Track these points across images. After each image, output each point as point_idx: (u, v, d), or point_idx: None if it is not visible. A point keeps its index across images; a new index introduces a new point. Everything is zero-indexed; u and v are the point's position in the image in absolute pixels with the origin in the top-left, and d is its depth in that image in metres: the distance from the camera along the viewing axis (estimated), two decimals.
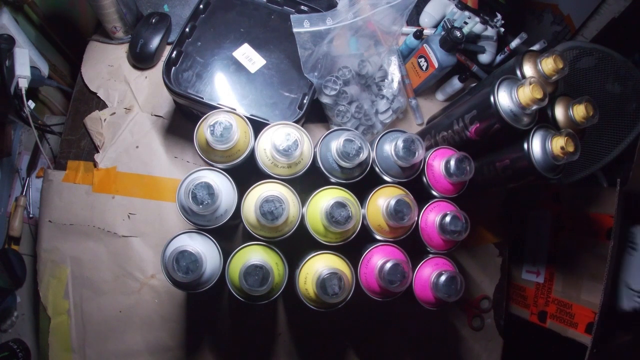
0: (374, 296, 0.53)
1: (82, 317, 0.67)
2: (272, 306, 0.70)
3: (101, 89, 0.74)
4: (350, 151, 0.50)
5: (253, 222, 0.49)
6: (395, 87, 0.74)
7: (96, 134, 0.72)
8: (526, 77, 0.53)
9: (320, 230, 0.50)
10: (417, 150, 0.52)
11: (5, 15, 0.67)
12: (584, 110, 0.52)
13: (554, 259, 0.73)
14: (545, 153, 0.50)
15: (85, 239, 0.68)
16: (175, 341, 0.68)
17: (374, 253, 0.53)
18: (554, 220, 0.74)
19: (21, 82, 0.68)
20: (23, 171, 0.86)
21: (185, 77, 0.64)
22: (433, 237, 0.54)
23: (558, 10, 0.83)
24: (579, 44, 0.73)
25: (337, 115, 0.71)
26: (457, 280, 0.52)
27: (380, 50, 0.72)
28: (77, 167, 0.71)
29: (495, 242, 0.80)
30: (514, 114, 0.50)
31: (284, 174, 0.51)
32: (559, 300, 0.70)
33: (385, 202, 0.51)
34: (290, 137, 0.49)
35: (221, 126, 0.47)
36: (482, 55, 0.81)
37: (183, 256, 0.46)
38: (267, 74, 0.66)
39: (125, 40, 0.76)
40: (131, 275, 0.68)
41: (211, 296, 0.68)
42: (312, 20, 0.66)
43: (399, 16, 0.69)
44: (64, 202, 0.69)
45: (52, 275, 0.68)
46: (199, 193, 0.46)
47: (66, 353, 0.67)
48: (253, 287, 0.46)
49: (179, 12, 0.78)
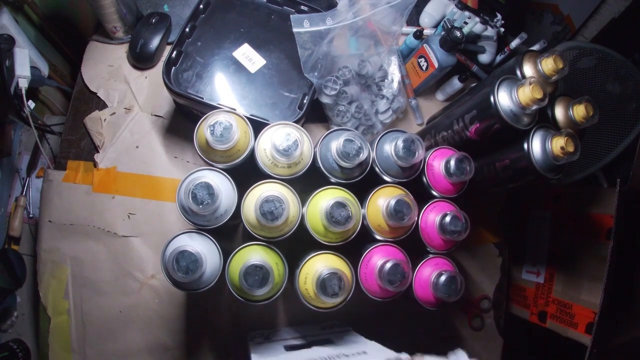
0: (374, 296, 0.53)
1: (82, 317, 0.67)
2: (272, 306, 0.70)
3: (101, 89, 0.74)
4: (350, 151, 0.50)
5: (253, 222, 0.49)
6: (395, 87, 0.74)
7: (96, 134, 0.72)
8: (526, 77, 0.53)
9: (320, 230, 0.50)
10: (417, 150, 0.52)
11: (5, 15, 0.67)
12: (584, 110, 0.52)
13: (554, 259, 0.73)
14: (545, 153, 0.50)
15: (85, 239, 0.68)
16: (175, 341, 0.68)
17: (374, 253, 0.53)
18: (554, 220, 0.74)
19: (21, 82, 0.68)
20: (23, 171, 0.86)
21: (185, 77, 0.64)
22: (433, 237, 0.54)
23: (558, 10, 0.83)
24: (579, 44, 0.73)
25: (337, 115, 0.71)
26: (457, 280, 0.52)
27: (380, 50, 0.72)
28: (77, 167, 0.71)
29: (495, 242, 0.80)
30: (514, 114, 0.50)
31: (284, 174, 0.51)
32: (559, 301, 0.70)
33: (385, 202, 0.51)
34: (290, 137, 0.49)
35: (221, 126, 0.47)
36: (482, 55, 0.81)
37: (183, 256, 0.46)
38: (267, 74, 0.66)
39: (125, 40, 0.76)
40: (131, 275, 0.68)
41: (211, 296, 0.68)
42: (312, 20, 0.66)
43: (398, 16, 0.69)
44: (64, 202, 0.69)
45: (52, 275, 0.68)
46: (199, 193, 0.46)
47: (66, 353, 0.67)
48: (253, 287, 0.46)
49: (179, 12, 0.78)
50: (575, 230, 0.70)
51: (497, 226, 0.80)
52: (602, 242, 0.64)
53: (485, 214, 0.80)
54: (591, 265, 0.66)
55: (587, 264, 0.67)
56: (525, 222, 0.80)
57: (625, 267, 0.61)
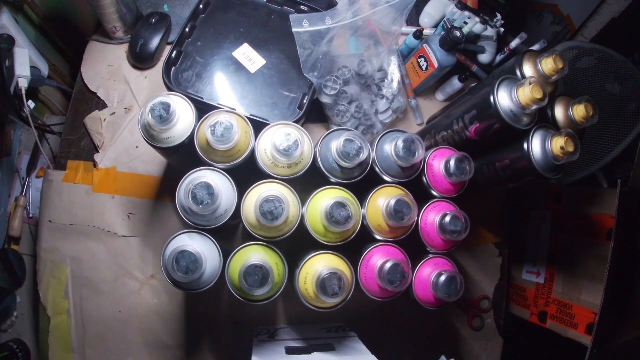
0: (374, 296, 0.53)
1: (82, 317, 0.67)
2: (272, 306, 0.70)
3: (101, 89, 0.74)
4: (350, 151, 0.50)
5: (253, 222, 0.49)
6: (395, 87, 0.74)
7: (96, 134, 0.72)
8: (526, 77, 0.53)
9: (320, 230, 0.50)
10: (417, 150, 0.52)
11: (5, 15, 0.67)
12: (584, 110, 0.52)
13: (555, 259, 0.73)
14: (545, 153, 0.50)
15: (85, 239, 0.68)
16: (175, 341, 0.68)
17: (374, 253, 0.53)
18: (554, 220, 0.74)
19: (21, 82, 0.68)
20: (23, 171, 0.86)
21: (185, 77, 0.64)
22: (433, 237, 0.54)
23: (558, 11, 0.83)
24: (579, 44, 0.73)
25: (337, 115, 0.71)
26: (457, 280, 0.52)
27: (380, 50, 0.72)
28: (77, 167, 0.71)
29: (495, 242, 0.80)
30: (514, 114, 0.50)
31: (284, 174, 0.51)
32: (559, 301, 0.69)
33: (385, 202, 0.51)
34: (290, 137, 0.49)
35: (222, 126, 0.47)
36: (482, 56, 0.81)
37: (183, 256, 0.46)
38: (267, 74, 0.66)
39: (125, 40, 0.76)
40: (131, 275, 0.68)
41: (211, 296, 0.68)
42: (312, 20, 0.66)
43: (398, 16, 0.69)
44: (64, 202, 0.69)
45: (52, 275, 0.68)
46: (199, 193, 0.46)
47: (66, 353, 0.67)
48: (253, 287, 0.46)
49: (179, 12, 0.78)
50: (576, 230, 0.70)
51: (497, 226, 0.80)
52: (603, 243, 0.64)
53: (485, 214, 0.80)
54: (592, 265, 0.66)
55: (587, 264, 0.67)
56: (525, 222, 0.80)
57: (625, 268, 0.61)
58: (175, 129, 0.50)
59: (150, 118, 0.48)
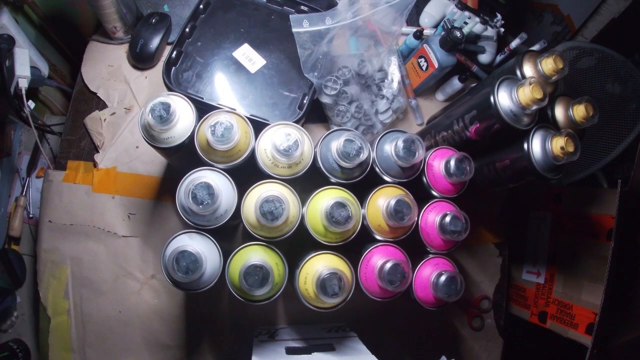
0: (374, 296, 0.53)
1: (82, 317, 0.67)
2: (272, 306, 0.70)
3: (101, 89, 0.74)
4: (350, 151, 0.50)
5: (253, 222, 0.49)
6: (395, 87, 0.74)
7: (96, 134, 0.72)
8: (526, 77, 0.53)
9: (320, 230, 0.50)
10: (417, 150, 0.52)
11: (5, 15, 0.67)
12: (584, 110, 0.52)
13: (555, 259, 0.73)
14: (545, 153, 0.50)
15: (85, 239, 0.68)
16: (175, 341, 0.68)
17: (374, 253, 0.53)
18: (554, 220, 0.74)
19: (21, 82, 0.68)
20: (23, 171, 0.86)
21: (185, 77, 0.64)
22: (433, 237, 0.54)
23: (558, 11, 0.83)
24: (579, 44, 0.73)
25: (337, 115, 0.71)
26: (457, 280, 0.52)
27: (380, 50, 0.72)
28: (77, 167, 0.71)
29: (495, 242, 0.80)
30: (514, 114, 0.50)
31: (284, 174, 0.51)
32: (559, 301, 0.69)
33: (385, 202, 0.51)
34: (290, 137, 0.49)
35: (222, 126, 0.47)
36: (482, 56, 0.81)
37: (183, 256, 0.46)
38: (267, 74, 0.66)
39: (125, 40, 0.76)
40: (131, 275, 0.68)
41: (211, 296, 0.68)
42: (312, 20, 0.66)
43: (398, 16, 0.69)
44: (64, 202, 0.69)
45: (52, 275, 0.68)
46: (199, 193, 0.46)
47: (66, 353, 0.67)
48: (253, 287, 0.46)
49: (179, 12, 0.78)
50: (576, 230, 0.70)
51: (497, 226, 0.80)
52: (603, 243, 0.64)
53: (485, 214, 0.80)
54: (592, 265, 0.66)
55: (587, 264, 0.67)
56: (525, 222, 0.80)
57: (625, 268, 0.61)
58: (175, 129, 0.50)
59: (150, 118, 0.48)
